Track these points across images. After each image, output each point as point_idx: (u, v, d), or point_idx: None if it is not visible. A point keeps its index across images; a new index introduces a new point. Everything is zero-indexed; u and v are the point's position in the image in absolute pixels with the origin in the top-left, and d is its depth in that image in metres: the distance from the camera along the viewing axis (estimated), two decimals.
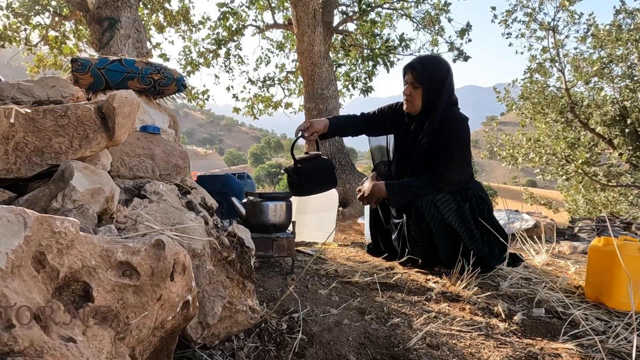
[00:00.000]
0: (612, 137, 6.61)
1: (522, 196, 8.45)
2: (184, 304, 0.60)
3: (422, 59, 1.94)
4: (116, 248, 0.52)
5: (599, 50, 7.26)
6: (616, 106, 6.38)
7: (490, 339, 1.39)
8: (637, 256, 1.71)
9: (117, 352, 0.46)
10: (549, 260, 2.33)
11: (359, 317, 1.47)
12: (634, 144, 6.28)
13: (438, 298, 1.71)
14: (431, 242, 1.96)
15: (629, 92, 6.29)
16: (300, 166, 1.89)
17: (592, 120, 6.91)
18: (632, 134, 6.29)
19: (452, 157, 1.92)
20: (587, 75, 7.12)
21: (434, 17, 6.73)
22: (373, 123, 2.11)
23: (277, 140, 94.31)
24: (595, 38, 7.37)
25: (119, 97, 0.86)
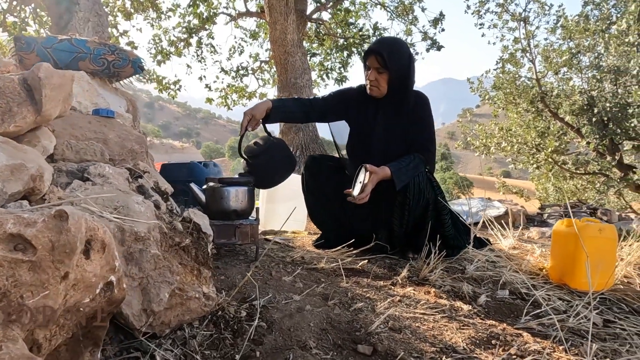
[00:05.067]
0: (580, 126, 6.78)
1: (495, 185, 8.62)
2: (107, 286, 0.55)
3: (384, 44, 1.89)
4: (6, 219, 0.46)
5: (568, 41, 7.41)
6: (584, 96, 6.54)
7: (453, 320, 1.39)
8: (597, 237, 1.73)
9: (7, 335, 0.41)
10: (515, 244, 2.35)
11: (322, 302, 1.44)
12: (600, 133, 6.45)
13: (404, 282, 1.70)
14: (419, 222, 1.92)
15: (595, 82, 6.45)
16: (252, 162, 1.82)
17: (561, 109, 7.06)
18: (598, 123, 6.46)
19: (431, 134, 1.96)
20: (557, 66, 7.26)
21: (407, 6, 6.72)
22: (331, 108, 2.04)
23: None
24: (564, 29, 7.52)
25: (45, 66, 0.79)
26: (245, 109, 1.91)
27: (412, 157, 1.83)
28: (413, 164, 1.81)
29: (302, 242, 2.38)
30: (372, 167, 1.72)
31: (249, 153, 1.84)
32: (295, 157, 1.94)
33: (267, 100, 1.93)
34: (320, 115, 2.08)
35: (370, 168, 1.72)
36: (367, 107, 1.98)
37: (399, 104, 1.91)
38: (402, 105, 1.91)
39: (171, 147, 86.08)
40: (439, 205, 1.86)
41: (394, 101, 1.91)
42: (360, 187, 1.71)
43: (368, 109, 1.98)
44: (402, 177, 1.75)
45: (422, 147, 1.89)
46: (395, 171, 1.74)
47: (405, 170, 1.77)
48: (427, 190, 1.82)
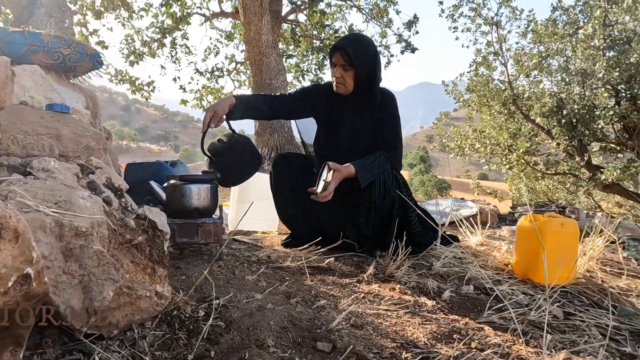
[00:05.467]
0: (551, 127, 6.95)
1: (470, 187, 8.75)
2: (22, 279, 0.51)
3: (350, 40, 1.88)
4: None
5: (538, 45, 7.60)
6: (553, 98, 6.71)
7: (416, 316, 1.38)
8: (559, 232, 1.76)
9: None
10: (483, 241, 2.38)
11: (284, 301, 1.41)
12: (569, 134, 6.63)
13: (370, 280, 1.68)
14: (385, 220, 1.91)
15: (564, 84, 6.63)
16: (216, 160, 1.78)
17: (532, 111, 7.23)
18: (567, 125, 6.64)
19: (398, 132, 1.96)
20: (528, 69, 7.44)
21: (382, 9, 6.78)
22: (298, 105, 2.01)
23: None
24: (534, 33, 7.71)
25: None
26: None
27: (377, 155, 1.82)
28: (378, 161, 1.81)
29: (272, 241, 2.34)
30: (335, 165, 1.70)
31: (213, 150, 1.80)
32: (260, 155, 1.91)
33: (231, 96, 1.88)
34: (287, 113, 2.06)
35: (333, 166, 1.70)
36: (334, 105, 1.96)
37: (366, 102, 1.90)
38: (368, 102, 1.90)
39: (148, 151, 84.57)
40: (406, 203, 1.86)
41: (361, 98, 1.90)
42: (323, 185, 1.69)
43: (335, 107, 1.96)
44: (367, 175, 1.74)
45: (388, 145, 1.88)
46: (360, 169, 1.73)
47: (370, 168, 1.76)
48: (393, 187, 1.82)
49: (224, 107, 1.79)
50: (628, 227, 3.04)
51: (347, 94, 1.91)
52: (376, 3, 6.83)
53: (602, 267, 2.15)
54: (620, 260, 2.28)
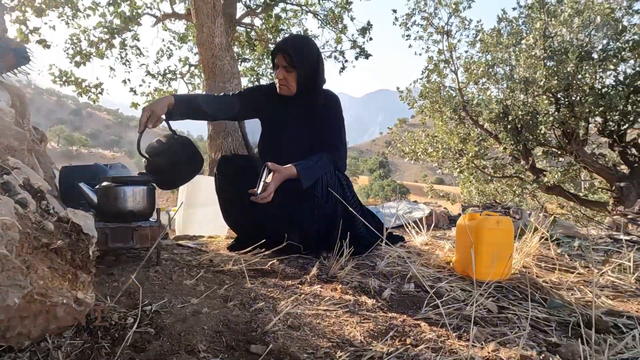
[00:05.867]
0: (498, 132, 7.29)
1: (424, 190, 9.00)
2: None
3: (291, 42, 1.88)
4: None
5: (486, 54, 7.96)
6: (500, 105, 7.04)
7: (355, 315, 1.38)
8: (495, 229, 1.83)
9: None
10: (428, 241, 2.43)
11: (221, 305, 1.37)
12: (515, 139, 6.97)
13: (313, 281, 1.67)
14: (329, 221, 1.90)
15: (509, 92, 6.98)
16: (153, 161, 1.71)
17: (481, 117, 7.55)
18: (513, 130, 6.98)
19: (341, 134, 1.97)
20: (476, 77, 7.76)
21: (337, 15, 6.87)
22: (243, 106, 1.98)
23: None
24: (482, 43, 8.07)
25: None
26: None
27: (320, 156, 1.82)
28: (321, 162, 1.81)
29: (218, 245, 2.29)
30: (275, 166, 1.69)
31: (150, 151, 1.74)
32: (202, 157, 1.85)
33: (170, 95, 1.82)
34: (230, 114, 2.02)
35: (273, 167, 1.68)
36: (278, 106, 1.95)
37: (309, 103, 1.90)
38: (312, 104, 1.90)
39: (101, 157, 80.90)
40: (349, 203, 1.87)
41: (304, 100, 1.90)
42: (262, 186, 1.67)
43: (279, 108, 1.95)
44: (309, 176, 1.74)
45: (331, 146, 1.89)
46: (301, 170, 1.73)
47: (312, 169, 1.76)
48: (336, 188, 1.83)
49: (162, 107, 1.73)
50: (563, 225, 3.21)
51: (291, 96, 1.90)
52: (331, 9, 6.91)
53: (538, 262, 2.25)
54: (554, 256, 2.41)
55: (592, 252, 2.52)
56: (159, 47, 8.03)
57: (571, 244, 2.58)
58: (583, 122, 6.74)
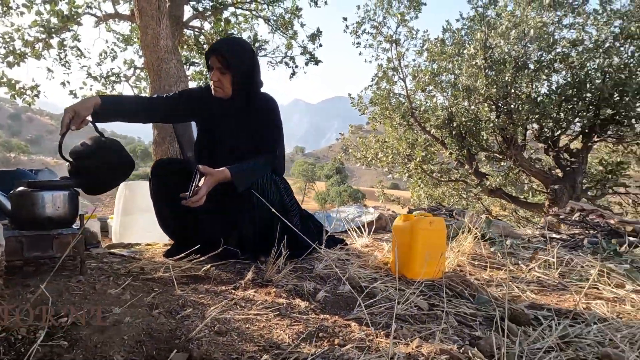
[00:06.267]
0: (444, 138, 7.58)
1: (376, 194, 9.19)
2: None
3: (225, 43, 1.86)
4: None
5: (432, 63, 8.27)
6: (445, 111, 7.34)
7: (286, 318, 1.37)
8: (428, 229, 1.88)
9: None
10: (369, 243, 2.47)
11: (146, 313, 1.32)
12: (459, 144, 7.28)
13: (247, 285, 1.65)
14: (266, 225, 1.88)
15: (453, 99, 7.29)
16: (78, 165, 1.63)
17: (428, 123, 7.83)
18: (457, 136, 7.29)
19: (279, 137, 1.96)
20: (423, 84, 8.05)
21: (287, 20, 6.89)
22: (177, 108, 1.92)
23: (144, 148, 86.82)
24: (428, 52, 8.38)
25: None
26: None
27: (256, 160, 1.81)
28: (257, 166, 1.79)
29: (154, 253, 2.21)
30: (207, 169, 1.65)
31: (75, 154, 1.65)
32: (132, 160, 1.78)
33: (96, 96, 1.74)
34: (164, 115, 1.96)
35: (204, 170, 1.65)
36: (213, 108, 1.91)
37: (245, 105, 1.88)
38: (248, 106, 1.88)
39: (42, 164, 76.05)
40: (287, 207, 1.87)
41: (240, 102, 1.88)
42: (193, 190, 1.63)
43: (214, 110, 1.91)
44: (244, 180, 1.72)
45: (269, 150, 1.88)
46: (235, 173, 1.70)
47: (247, 173, 1.74)
48: (272, 192, 1.81)
49: (87, 107, 1.64)
50: (498, 226, 3.38)
51: (227, 98, 1.88)
52: (281, 15, 6.93)
53: (472, 261, 2.35)
54: (487, 255, 2.52)
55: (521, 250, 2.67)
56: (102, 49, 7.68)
57: (503, 242, 2.71)
58: (521, 128, 7.16)
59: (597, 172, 8.12)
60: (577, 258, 2.49)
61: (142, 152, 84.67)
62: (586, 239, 3.32)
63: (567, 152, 7.53)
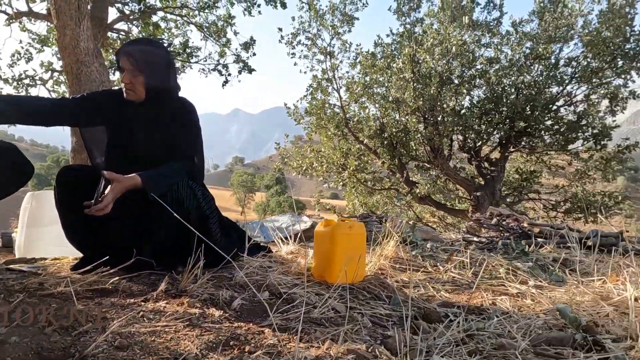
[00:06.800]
0: (376, 148, 7.84)
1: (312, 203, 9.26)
2: None
3: (138, 44, 1.78)
4: None
5: (365, 75, 8.56)
6: (377, 122, 7.60)
7: (197, 328, 1.32)
8: (348, 234, 1.92)
9: None
10: (294, 250, 2.47)
11: (38, 331, 1.21)
12: (391, 154, 7.57)
13: (160, 297, 1.57)
14: (183, 234, 1.80)
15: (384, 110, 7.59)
16: None
17: (361, 134, 8.06)
18: (389, 146, 7.58)
19: (196, 142, 1.90)
20: (357, 95, 8.29)
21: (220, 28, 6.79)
22: (85, 111, 1.80)
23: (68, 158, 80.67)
24: (361, 65, 8.67)
25: None
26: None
27: (170, 166, 1.74)
28: (172, 172, 1.73)
29: (60, 267, 2.04)
30: (113, 175, 1.57)
31: None
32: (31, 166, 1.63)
33: None
34: (70, 119, 1.83)
35: (110, 176, 1.56)
36: (126, 112, 1.82)
37: (160, 110, 1.81)
38: (163, 111, 1.82)
39: None
40: (205, 214, 1.81)
41: (154, 106, 1.81)
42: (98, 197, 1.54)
43: (126, 114, 1.82)
44: (156, 186, 1.64)
45: (186, 156, 1.82)
46: (147, 179, 1.62)
47: (159, 179, 1.67)
48: (189, 199, 1.76)
49: None
50: (422, 230, 3.54)
51: (140, 101, 1.80)
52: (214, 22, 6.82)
53: (393, 264, 2.43)
54: (408, 258, 2.62)
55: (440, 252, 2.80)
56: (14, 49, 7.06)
57: (424, 246, 2.83)
58: (446, 139, 7.60)
59: (514, 180, 8.82)
60: (489, 258, 2.66)
61: (65, 161, 78.64)
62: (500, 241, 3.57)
63: (487, 162, 8.10)
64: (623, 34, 6.95)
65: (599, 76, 7.50)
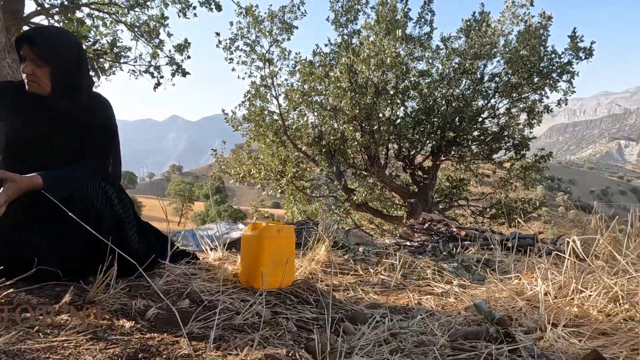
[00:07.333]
0: (314, 155, 7.88)
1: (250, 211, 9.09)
2: None
3: (42, 32, 1.63)
4: None
5: (303, 83, 8.60)
6: (315, 130, 7.66)
7: (101, 341, 1.20)
8: (276, 237, 1.87)
9: None
10: (222, 256, 2.38)
11: None
12: (329, 161, 7.64)
13: (63, 309, 1.42)
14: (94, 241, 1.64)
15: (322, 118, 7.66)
16: None
17: (300, 141, 8.07)
18: (327, 153, 7.65)
19: (112, 142, 1.78)
20: (295, 103, 8.31)
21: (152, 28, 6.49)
22: None
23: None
24: (300, 72, 8.71)
25: None
26: None
27: (78, 166, 1.60)
28: (81, 172, 1.58)
29: None
30: (8, 175, 1.40)
31: None
32: None
33: None
34: None
35: (4, 175, 1.40)
36: (28, 106, 1.65)
37: (69, 105, 1.66)
38: (72, 106, 1.66)
39: None
40: (120, 219, 1.68)
41: (62, 101, 1.65)
42: None
43: (29, 108, 1.65)
44: (60, 188, 1.49)
45: (98, 156, 1.68)
46: (49, 180, 1.47)
47: (64, 180, 1.52)
48: (101, 202, 1.61)
49: None
50: (356, 235, 3.58)
51: (45, 94, 1.63)
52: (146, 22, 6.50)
53: (325, 268, 2.41)
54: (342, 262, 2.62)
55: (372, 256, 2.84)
56: None
57: (356, 250, 2.86)
58: (382, 147, 7.83)
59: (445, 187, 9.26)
60: (418, 260, 2.74)
61: None
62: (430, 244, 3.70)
63: (420, 170, 8.45)
64: (538, 53, 7.61)
65: (518, 91, 8.14)
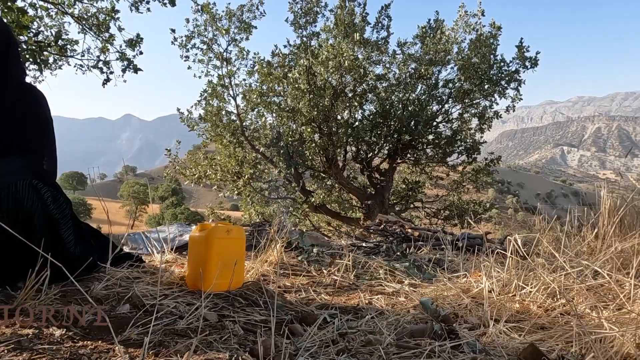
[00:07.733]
0: (272, 156, 7.81)
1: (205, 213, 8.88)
2: None
3: None
4: None
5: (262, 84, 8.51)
6: (274, 131, 7.59)
7: (26, 351, 1.11)
8: (225, 238, 1.82)
9: None
10: (172, 258, 2.29)
11: None
12: (287, 163, 7.59)
13: None
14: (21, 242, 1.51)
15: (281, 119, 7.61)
16: None
17: (258, 142, 7.97)
18: (285, 154, 7.60)
19: (45, 134, 1.67)
20: (253, 104, 8.20)
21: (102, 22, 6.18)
22: None
23: None
24: (259, 73, 8.61)
25: None
26: None
27: (9, 161, 1.48)
28: (9, 169, 1.47)
29: None
30: None
31: None
32: None
33: None
34: None
35: None
36: None
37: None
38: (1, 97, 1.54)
39: None
40: (54, 219, 1.57)
41: None
42: None
43: None
44: None
45: (29, 150, 1.57)
46: None
47: None
48: (31, 200, 1.50)
49: None
50: (312, 237, 3.56)
51: None
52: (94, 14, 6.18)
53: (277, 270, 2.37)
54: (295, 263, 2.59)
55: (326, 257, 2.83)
56: None
57: (310, 251, 2.84)
58: (340, 149, 7.88)
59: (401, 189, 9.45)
60: (371, 261, 2.75)
61: None
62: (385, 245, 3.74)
63: (377, 172, 8.58)
64: (488, 61, 7.95)
65: (470, 97, 8.46)
